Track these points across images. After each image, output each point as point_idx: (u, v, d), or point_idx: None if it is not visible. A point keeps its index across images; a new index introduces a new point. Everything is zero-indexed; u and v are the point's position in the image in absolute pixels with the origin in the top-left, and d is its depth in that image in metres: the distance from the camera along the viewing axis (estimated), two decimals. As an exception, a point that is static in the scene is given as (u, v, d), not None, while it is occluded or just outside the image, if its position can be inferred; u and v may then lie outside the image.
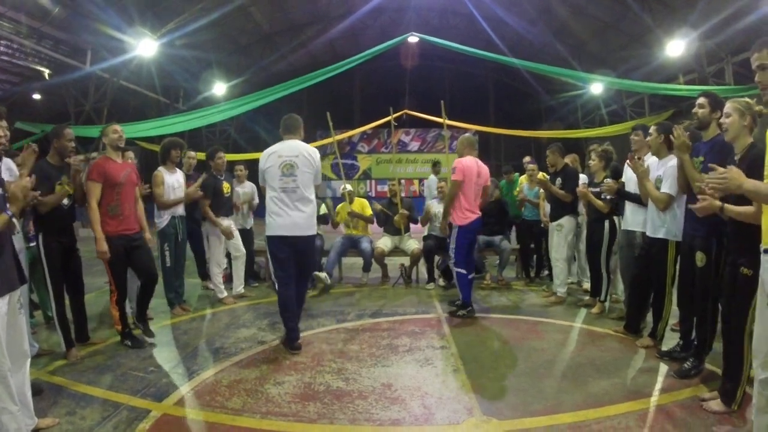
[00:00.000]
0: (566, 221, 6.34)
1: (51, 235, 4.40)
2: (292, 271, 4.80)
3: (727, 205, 3.02)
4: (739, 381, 3.21)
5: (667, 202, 4.28)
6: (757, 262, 2.73)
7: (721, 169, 2.56)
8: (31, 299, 5.24)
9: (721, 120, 3.38)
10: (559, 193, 6.30)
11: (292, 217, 4.69)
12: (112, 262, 4.67)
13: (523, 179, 8.19)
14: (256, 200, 7.63)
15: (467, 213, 5.86)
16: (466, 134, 6.41)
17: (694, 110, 3.90)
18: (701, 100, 3.87)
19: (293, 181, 4.70)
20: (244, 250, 6.94)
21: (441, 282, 7.67)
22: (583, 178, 6.45)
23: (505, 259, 7.64)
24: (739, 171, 2.52)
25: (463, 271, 5.91)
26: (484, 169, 6.09)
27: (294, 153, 4.76)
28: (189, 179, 6.51)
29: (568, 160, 6.92)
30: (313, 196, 4.84)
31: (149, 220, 5.29)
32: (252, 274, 7.65)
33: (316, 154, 4.88)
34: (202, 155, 7.89)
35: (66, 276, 4.55)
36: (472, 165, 5.92)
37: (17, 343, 2.94)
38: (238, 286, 6.95)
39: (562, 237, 6.36)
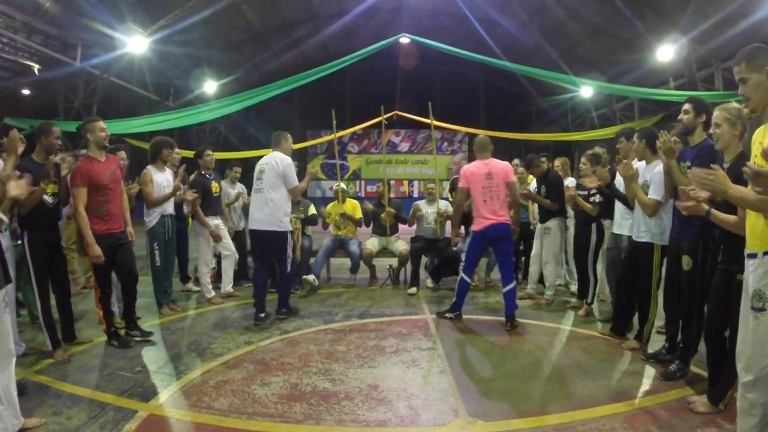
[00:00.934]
0: (554, 224, 6.39)
1: (36, 233, 4.36)
2: (261, 260, 5.88)
3: (714, 211, 3.04)
4: (732, 382, 3.22)
5: (655, 208, 4.30)
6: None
7: (707, 170, 2.56)
8: (18, 297, 5.19)
9: (711, 131, 3.40)
10: (545, 202, 6.35)
11: (255, 214, 5.75)
12: (100, 268, 4.65)
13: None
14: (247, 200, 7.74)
15: (478, 219, 5.68)
16: (479, 136, 6.29)
17: (680, 116, 3.95)
18: (686, 106, 3.92)
19: (261, 183, 5.72)
20: (233, 250, 6.94)
21: (429, 283, 7.70)
22: (571, 181, 6.49)
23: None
24: (724, 175, 2.53)
25: (467, 280, 5.86)
26: (498, 168, 5.72)
27: (266, 161, 5.79)
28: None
29: (557, 163, 6.96)
30: (275, 197, 5.64)
31: (139, 218, 5.27)
32: (243, 275, 7.63)
33: (283, 162, 5.70)
34: (190, 153, 7.89)
35: (51, 274, 4.51)
36: (476, 170, 5.73)
37: (2, 343, 2.92)
38: (227, 286, 6.94)
39: (551, 240, 6.40)
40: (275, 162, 5.66)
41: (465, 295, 5.92)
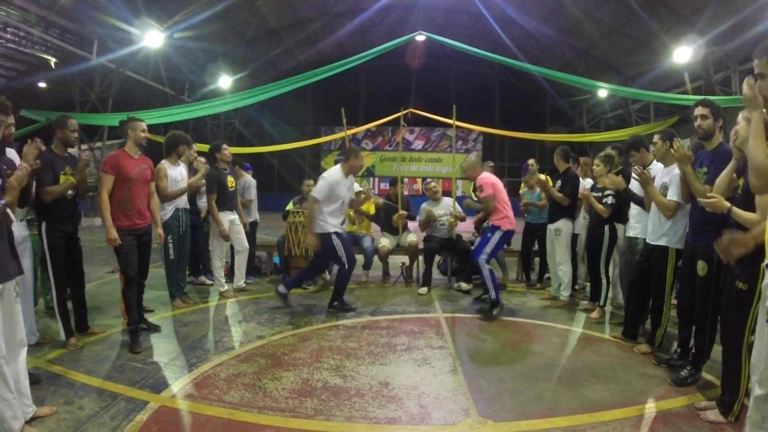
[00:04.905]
0: (564, 225, 6.35)
1: (54, 224, 4.41)
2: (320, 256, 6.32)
3: (735, 209, 3.01)
4: (737, 394, 3.19)
5: (674, 209, 4.24)
6: (753, 276, 2.73)
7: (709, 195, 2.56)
8: (36, 287, 5.23)
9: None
10: (557, 195, 6.31)
11: None
12: (123, 251, 4.68)
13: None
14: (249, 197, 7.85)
15: (509, 218, 6.22)
16: (473, 154, 6.75)
17: (698, 122, 3.88)
18: (703, 110, 3.84)
19: None
20: (246, 245, 6.96)
21: (464, 287, 7.37)
22: (588, 182, 6.45)
23: (503, 260, 7.67)
24: (720, 198, 2.54)
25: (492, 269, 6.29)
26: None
27: None
28: (191, 171, 6.52)
29: (582, 161, 6.93)
30: (322, 207, 5.94)
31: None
32: (249, 270, 7.62)
33: (322, 176, 6.08)
34: (205, 147, 7.90)
35: (67, 264, 4.56)
36: (494, 177, 6.43)
37: (13, 332, 2.95)
38: (239, 280, 6.97)
39: (562, 241, 6.37)
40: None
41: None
